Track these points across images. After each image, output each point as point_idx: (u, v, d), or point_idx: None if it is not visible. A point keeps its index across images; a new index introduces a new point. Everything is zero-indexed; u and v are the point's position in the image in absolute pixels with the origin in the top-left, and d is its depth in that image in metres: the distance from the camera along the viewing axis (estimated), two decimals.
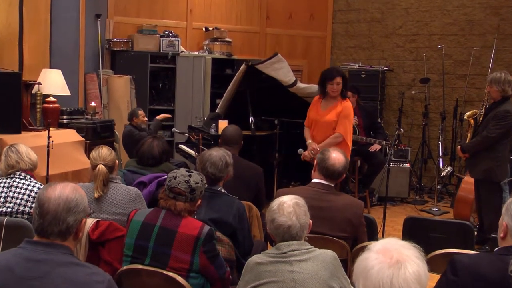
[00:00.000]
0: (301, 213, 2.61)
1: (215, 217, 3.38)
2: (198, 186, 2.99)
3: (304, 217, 2.61)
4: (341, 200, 3.55)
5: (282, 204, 2.63)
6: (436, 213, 7.45)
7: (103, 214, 3.45)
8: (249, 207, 4.12)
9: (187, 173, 3.01)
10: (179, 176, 2.98)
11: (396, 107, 9.42)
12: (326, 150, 3.70)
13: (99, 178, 3.49)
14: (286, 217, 2.58)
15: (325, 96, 5.72)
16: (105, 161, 3.56)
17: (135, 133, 6.83)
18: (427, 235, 3.97)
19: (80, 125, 6.82)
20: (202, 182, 3.05)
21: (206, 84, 9.05)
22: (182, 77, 8.97)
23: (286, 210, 2.60)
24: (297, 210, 2.61)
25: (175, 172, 3.03)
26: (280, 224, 2.58)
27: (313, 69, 10.26)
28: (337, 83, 5.61)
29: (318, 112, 5.73)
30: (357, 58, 9.88)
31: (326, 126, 5.64)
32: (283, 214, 2.59)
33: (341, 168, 3.61)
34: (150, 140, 4.48)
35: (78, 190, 2.22)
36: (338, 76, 5.62)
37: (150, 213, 2.99)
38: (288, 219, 2.58)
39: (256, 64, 7.15)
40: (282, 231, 2.58)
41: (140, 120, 7.06)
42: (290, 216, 2.58)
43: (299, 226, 2.58)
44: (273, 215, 2.62)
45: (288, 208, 2.61)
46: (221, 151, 3.69)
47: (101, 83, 8.33)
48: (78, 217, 2.16)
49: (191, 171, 3.06)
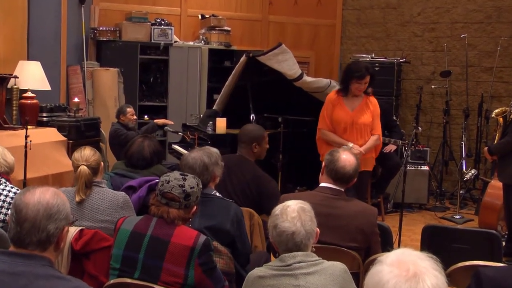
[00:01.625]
0: (306, 219, 2.60)
1: (210, 224, 3.37)
2: (193, 191, 2.99)
3: (310, 224, 2.60)
4: (352, 206, 3.54)
5: (286, 209, 2.63)
6: (458, 221, 7.44)
7: (87, 222, 3.45)
8: (250, 214, 4.12)
9: (181, 177, 3.01)
10: (173, 180, 2.98)
11: (413, 103, 9.41)
12: (335, 151, 3.70)
13: (80, 180, 3.49)
14: (290, 222, 2.58)
15: (347, 94, 5.66)
16: (88, 162, 3.57)
17: (121, 133, 6.83)
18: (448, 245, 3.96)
19: (62, 123, 6.82)
20: (198, 187, 3.05)
21: (203, 77, 9.05)
22: (176, 70, 8.98)
23: (290, 215, 2.60)
24: (302, 215, 2.60)
25: (168, 175, 3.03)
26: (282, 230, 2.58)
27: (320, 61, 10.26)
28: (365, 83, 5.57)
29: (348, 113, 5.62)
30: (370, 49, 9.87)
31: (364, 129, 5.62)
32: (286, 219, 2.59)
33: (352, 171, 3.60)
34: (140, 139, 4.48)
35: (59, 195, 2.21)
36: (368, 75, 5.56)
37: (140, 221, 2.99)
38: (292, 225, 2.58)
39: (258, 56, 7.15)
40: (286, 238, 2.58)
41: (127, 119, 7.06)
42: (294, 222, 2.58)
43: (304, 233, 2.57)
44: (275, 220, 2.62)
45: (292, 213, 2.61)
46: (200, 152, 3.68)
47: (85, 77, 8.33)
48: (59, 225, 2.16)
49: (186, 175, 3.06)
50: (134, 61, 8.69)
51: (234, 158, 4.79)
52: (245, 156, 4.76)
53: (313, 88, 7.35)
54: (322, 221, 2.79)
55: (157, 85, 9.16)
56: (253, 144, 4.77)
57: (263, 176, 4.68)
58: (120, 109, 7.24)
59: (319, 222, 2.70)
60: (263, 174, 4.70)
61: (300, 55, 9.37)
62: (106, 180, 3.88)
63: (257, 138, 4.82)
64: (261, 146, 4.83)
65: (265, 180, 4.67)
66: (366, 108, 5.63)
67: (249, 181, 4.58)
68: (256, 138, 4.81)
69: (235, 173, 4.61)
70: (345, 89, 5.65)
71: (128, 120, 7.07)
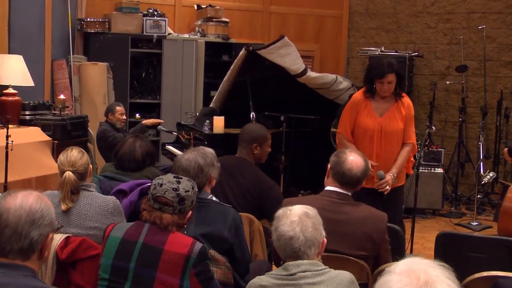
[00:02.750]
0: (308, 225, 2.61)
1: (207, 231, 3.37)
2: (188, 194, 3.00)
3: (311, 231, 2.61)
4: (360, 211, 3.55)
5: (287, 212, 2.65)
6: (476, 228, 7.44)
7: (74, 228, 3.45)
8: (250, 220, 4.12)
9: (175, 180, 3.02)
10: (166, 183, 2.98)
11: (426, 101, 9.42)
12: (342, 152, 3.70)
13: (65, 188, 3.48)
14: (288, 226, 2.60)
15: (374, 95, 5.15)
16: (74, 166, 3.56)
17: (109, 134, 6.84)
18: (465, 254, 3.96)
19: (46, 122, 6.83)
20: (194, 190, 3.06)
21: (199, 73, 9.06)
22: (170, 65, 8.98)
23: (290, 218, 2.62)
24: (304, 221, 2.61)
25: (161, 178, 3.03)
26: (281, 234, 2.61)
27: (326, 55, 10.26)
28: (389, 82, 5.04)
29: (376, 119, 5.12)
30: (380, 42, 9.88)
31: (394, 138, 5.10)
32: (286, 223, 2.61)
33: (359, 174, 3.60)
34: (132, 140, 4.48)
35: (43, 199, 2.22)
36: (390, 73, 5.03)
37: (130, 228, 2.99)
38: (290, 229, 2.60)
39: (259, 49, 7.15)
40: (284, 243, 2.60)
41: (116, 118, 7.07)
42: (292, 226, 2.60)
43: (303, 240, 2.58)
44: (276, 223, 2.65)
45: (293, 217, 2.62)
46: (194, 153, 3.69)
47: (71, 72, 8.34)
48: (43, 232, 2.16)
49: (180, 177, 3.07)
50: (124, 55, 8.70)
51: (233, 159, 4.79)
52: (245, 158, 4.76)
53: (318, 84, 7.35)
54: (328, 227, 2.78)
55: (150, 81, 9.16)
56: (253, 144, 4.76)
57: (265, 179, 4.68)
58: (109, 107, 7.25)
59: (324, 228, 2.71)
60: (266, 177, 4.70)
61: (304, 48, 9.37)
62: (94, 183, 3.88)
63: (258, 138, 4.79)
64: (262, 147, 4.81)
65: (268, 184, 4.66)
66: (398, 112, 5.12)
67: (250, 184, 4.58)
68: (257, 138, 4.79)
69: (234, 176, 4.61)
70: (370, 89, 5.12)
71: (116, 120, 7.07)
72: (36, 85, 7.20)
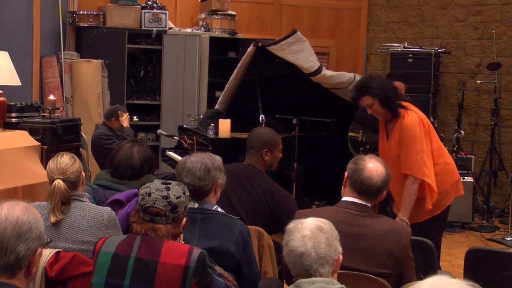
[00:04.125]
0: (321, 240, 2.60)
1: (211, 246, 3.37)
2: (180, 201, 3.01)
3: (324, 247, 2.60)
4: (381, 225, 3.54)
5: (300, 225, 2.64)
6: (510, 244, 7.41)
7: (65, 242, 3.45)
8: (259, 234, 4.12)
9: (164, 186, 3.03)
10: (154, 192, 2.99)
11: (455, 102, 9.40)
12: (360, 158, 3.69)
13: (55, 198, 3.48)
14: (299, 241, 2.60)
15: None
16: (65, 174, 3.55)
17: (107, 138, 6.83)
18: (498, 273, 3.95)
19: (35, 125, 6.84)
20: (185, 195, 3.06)
21: (202, 71, 9.07)
22: (171, 62, 9.00)
23: (302, 232, 2.61)
24: (316, 236, 2.60)
25: (148, 186, 3.04)
26: (291, 249, 2.60)
27: (343, 52, 10.26)
28: (368, 105, 4.90)
29: (384, 141, 5.11)
30: (402, 37, 9.87)
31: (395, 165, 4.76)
32: (297, 237, 2.61)
33: (380, 182, 3.59)
34: (129, 145, 4.48)
35: (31, 210, 2.22)
36: (362, 97, 4.88)
37: (122, 241, 2.99)
38: (301, 245, 2.59)
39: (269, 45, 7.15)
40: (294, 260, 2.59)
41: (118, 124, 7.08)
42: (304, 241, 2.59)
43: (315, 257, 2.57)
44: (287, 237, 2.64)
45: (305, 231, 2.61)
46: (201, 154, 3.70)
47: (62, 70, 8.37)
48: (31, 246, 2.17)
49: (169, 182, 3.08)
50: (121, 52, 8.72)
51: (242, 167, 4.78)
52: (254, 165, 4.76)
53: (334, 84, 7.35)
54: (345, 242, 2.78)
55: (149, 80, 9.18)
56: (263, 150, 4.75)
57: (278, 189, 4.68)
58: (114, 109, 7.21)
59: (341, 243, 2.70)
60: (279, 187, 4.70)
61: (319, 44, 9.38)
62: (88, 193, 3.88)
63: (268, 143, 4.79)
64: (273, 153, 4.81)
65: (281, 194, 4.66)
66: (396, 135, 4.92)
67: (261, 195, 4.57)
68: (266, 143, 4.78)
69: (243, 185, 4.60)
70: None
71: (119, 126, 7.09)
72: (23, 84, 7.22)
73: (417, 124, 4.83)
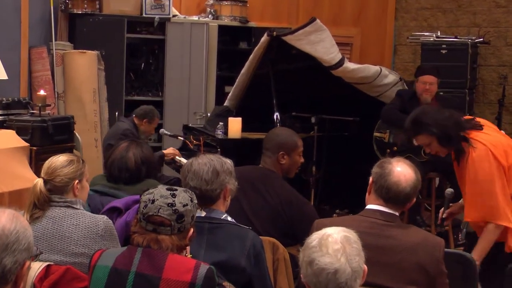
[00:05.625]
0: (352, 253, 2.59)
1: (220, 259, 3.38)
2: (187, 209, 2.99)
3: (357, 259, 2.59)
4: (410, 236, 3.53)
5: (326, 239, 2.62)
6: None
7: (56, 255, 3.46)
8: (274, 246, 4.11)
9: (169, 192, 3.01)
10: (158, 198, 2.98)
11: (494, 98, 9.36)
12: (386, 162, 3.68)
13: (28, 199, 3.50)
14: (331, 257, 2.57)
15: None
16: (51, 175, 3.56)
17: None
18: None
19: (23, 124, 6.85)
20: (193, 203, 3.05)
21: (210, 64, 9.07)
22: (175, 54, 9.01)
23: (332, 247, 2.59)
24: (347, 248, 2.60)
25: (151, 192, 3.02)
26: (322, 267, 2.56)
27: (368, 42, 10.24)
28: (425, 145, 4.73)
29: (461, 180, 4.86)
30: (435, 25, 9.84)
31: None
32: (327, 252, 2.58)
33: (409, 189, 3.58)
34: (125, 144, 4.49)
35: (18, 219, 2.23)
36: (417, 136, 4.71)
37: (121, 254, 2.99)
38: (335, 260, 2.56)
39: (284, 35, 7.16)
40: (325, 279, 2.56)
41: (149, 128, 7.14)
42: (337, 256, 2.57)
43: (350, 272, 2.56)
44: (311, 254, 2.60)
45: (335, 244, 2.59)
46: (210, 156, 3.69)
47: (54, 62, 8.38)
48: (19, 259, 2.17)
49: (174, 189, 3.06)
50: (119, 42, 8.74)
51: (256, 171, 4.77)
52: (270, 169, 4.75)
53: (357, 78, 7.34)
54: (370, 255, 2.77)
55: (150, 73, 9.20)
56: (279, 153, 4.74)
57: (297, 196, 4.69)
58: (149, 111, 7.21)
59: (367, 256, 2.69)
60: (298, 194, 4.70)
61: (341, 34, 9.37)
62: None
63: (285, 145, 4.78)
64: (291, 157, 4.79)
65: (302, 201, 4.67)
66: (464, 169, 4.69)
67: (278, 203, 4.56)
68: (284, 145, 4.77)
69: (258, 191, 4.59)
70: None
71: (148, 131, 7.20)
72: (10, 78, 7.24)
73: (487, 161, 4.54)
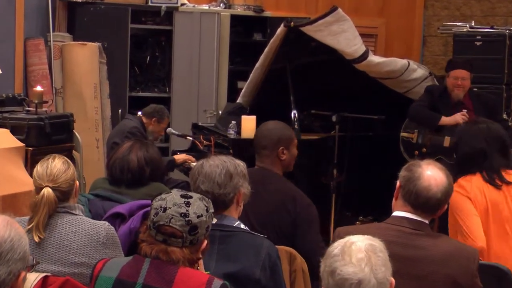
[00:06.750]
0: (378, 263, 2.59)
1: (232, 270, 3.38)
2: (201, 220, 2.97)
3: (383, 270, 2.59)
4: (441, 246, 3.52)
5: (349, 247, 2.61)
6: None
7: (54, 265, 3.46)
8: (291, 256, 4.11)
9: (183, 200, 3.00)
10: (171, 207, 2.96)
11: None
12: (415, 165, 3.67)
13: (41, 211, 3.48)
14: (355, 266, 2.56)
15: None
16: (56, 182, 3.55)
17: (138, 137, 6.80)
18: None
19: (18, 122, 6.87)
20: (208, 213, 3.03)
21: (222, 57, 9.08)
22: (183, 46, 9.02)
23: (355, 255, 2.58)
24: (372, 258, 2.59)
25: (164, 198, 3.01)
26: (344, 277, 2.56)
27: (394, 33, 10.23)
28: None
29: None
30: (469, 14, 9.81)
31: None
32: (350, 261, 2.57)
33: (440, 194, 3.57)
34: (129, 144, 4.50)
35: (13, 226, 2.23)
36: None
37: (127, 264, 2.99)
38: (359, 270, 2.56)
39: (303, 25, 7.15)
40: None
41: (158, 128, 7.12)
42: (361, 266, 2.56)
43: (375, 284, 2.56)
44: (333, 263, 2.60)
45: (359, 253, 2.59)
46: (222, 157, 3.68)
47: (51, 55, 8.40)
48: (13, 269, 2.18)
49: (189, 196, 3.05)
50: (122, 33, 8.76)
51: (255, 173, 4.74)
52: (269, 169, 4.74)
53: (382, 73, 7.34)
54: (397, 266, 2.77)
55: (156, 67, 9.20)
56: (279, 148, 4.73)
57: (302, 196, 4.69)
58: (159, 109, 7.22)
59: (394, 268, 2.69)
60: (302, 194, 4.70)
61: (365, 24, 9.37)
62: (81, 205, 3.89)
63: (283, 139, 4.78)
64: (290, 150, 4.79)
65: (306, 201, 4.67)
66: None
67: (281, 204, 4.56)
68: (281, 140, 4.77)
69: (260, 195, 4.57)
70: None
71: (157, 131, 7.19)
72: (3, 72, 7.27)
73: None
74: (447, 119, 6.96)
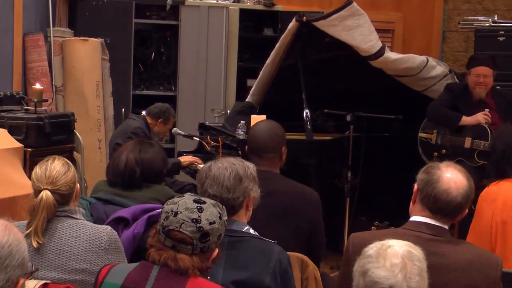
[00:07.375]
0: (413, 271, 2.58)
1: (241, 278, 3.38)
2: (214, 227, 2.96)
3: (417, 280, 2.57)
4: (462, 253, 3.51)
5: (385, 250, 2.61)
6: None
7: (54, 271, 3.47)
8: (303, 263, 4.11)
9: (196, 206, 2.99)
10: (183, 211, 2.96)
11: None
12: (434, 167, 3.66)
13: (40, 214, 3.49)
14: (388, 270, 2.56)
15: None
16: (55, 184, 3.56)
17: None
18: None
19: (16, 122, 6.88)
20: (221, 220, 3.02)
21: (230, 53, 9.08)
22: (190, 42, 9.03)
23: (390, 260, 2.58)
24: (408, 265, 2.58)
25: (175, 202, 3.00)
26: (375, 281, 2.55)
27: (412, 28, 10.22)
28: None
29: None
30: (491, 8, 9.80)
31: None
32: (384, 265, 2.57)
33: (460, 198, 3.56)
34: (126, 145, 4.51)
35: (11, 231, 2.23)
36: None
37: (133, 271, 2.99)
38: (391, 275, 2.55)
39: (316, 20, 7.15)
40: None
41: (163, 129, 7.13)
42: (394, 271, 2.56)
43: None
44: (366, 264, 2.59)
45: (394, 258, 2.58)
46: (230, 159, 3.67)
47: (51, 51, 8.41)
48: (11, 276, 2.18)
49: (202, 201, 3.04)
50: (126, 28, 8.78)
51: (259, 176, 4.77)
52: (272, 171, 4.74)
53: (400, 70, 7.32)
54: None
55: (161, 64, 9.22)
56: (282, 148, 4.79)
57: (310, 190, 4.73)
58: (165, 110, 7.22)
59: None
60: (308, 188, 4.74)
61: (381, 19, 9.37)
62: (82, 208, 3.89)
63: (283, 138, 4.86)
64: (286, 147, 4.86)
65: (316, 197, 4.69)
66: None
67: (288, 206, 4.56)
68: (283, 139, 4.85)
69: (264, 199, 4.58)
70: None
71: (162, 132, 7.23)
72: (1, 69, 7.28)
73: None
74: (468, 119, 6.95)
